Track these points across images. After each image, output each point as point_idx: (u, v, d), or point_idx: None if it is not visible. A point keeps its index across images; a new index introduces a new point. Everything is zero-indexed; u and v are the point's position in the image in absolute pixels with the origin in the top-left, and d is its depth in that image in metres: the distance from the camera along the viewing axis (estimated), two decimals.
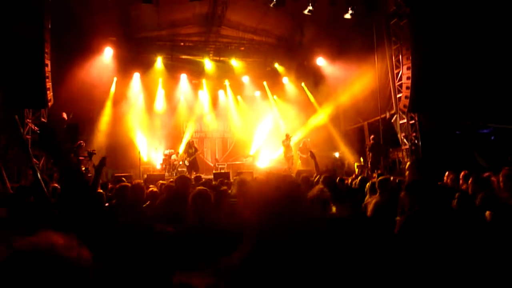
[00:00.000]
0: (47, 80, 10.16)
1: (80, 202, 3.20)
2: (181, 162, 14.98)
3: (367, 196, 4.89)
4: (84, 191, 3.42)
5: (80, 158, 10.60)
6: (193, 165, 14.25)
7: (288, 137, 14.70)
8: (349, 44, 14.99)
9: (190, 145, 14.81)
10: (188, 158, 14.34)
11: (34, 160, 9.12)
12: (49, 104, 10.49)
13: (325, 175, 5.39)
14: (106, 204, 4.94)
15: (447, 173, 6.50)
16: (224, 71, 17.58)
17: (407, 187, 3.46)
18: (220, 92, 18.75)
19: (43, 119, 10.94)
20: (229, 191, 5.56)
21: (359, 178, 5.26)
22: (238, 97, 18.63)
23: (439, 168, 7.75)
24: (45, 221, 3.07)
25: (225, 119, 18.90)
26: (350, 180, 6.94)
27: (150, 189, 5.44)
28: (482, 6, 10.07)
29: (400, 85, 12.39)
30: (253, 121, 18.29)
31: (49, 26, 10.38)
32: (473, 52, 10.49)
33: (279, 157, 16.61)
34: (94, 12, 12.23)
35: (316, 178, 5.42)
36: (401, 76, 12.34)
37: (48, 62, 10.25)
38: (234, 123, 18.76)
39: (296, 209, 1.40)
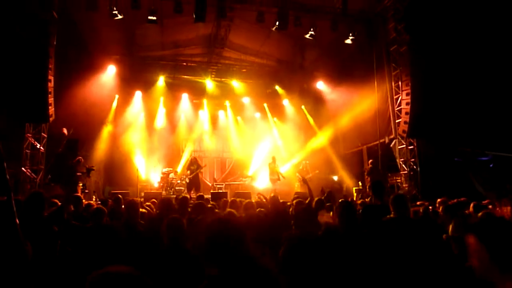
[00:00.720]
0: (49, 95, 10.24)
1: None
2: (179, 181, 14.83)
3: None
4: None
5: (78, 174, 10.57)
6: (194, 182, 14.02)
7: (274, 160, 14.55)
8: (349, 69, 15.18)
9: (192, 162, 14.58)
10: (189, 176, 14.16)
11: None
12: (50, 119, 10.55)
13: (319, 198, 5.40)
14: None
15: (439, 200, 6.48)
16: (225, 91, 17.70)
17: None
18: (221, 112, 18.84)
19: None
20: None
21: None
22: (238, 117, 18.70)
23: (436, 195, 7.71)
24: None
25: (224, 139, 18.89)
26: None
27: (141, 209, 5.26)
28: (481, 33, 10.25)
29: (400, 110, 12.48)
30: (253, 142, 18.28)
31: (55, 43, 10.54)
32: (473, 79, 10.61)
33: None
34: (99, 30, 12.45)
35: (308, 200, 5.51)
36: (400, 101, 12.46)
37: (51, 77, 10.36)
38: (234, 143, 18.75)
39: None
